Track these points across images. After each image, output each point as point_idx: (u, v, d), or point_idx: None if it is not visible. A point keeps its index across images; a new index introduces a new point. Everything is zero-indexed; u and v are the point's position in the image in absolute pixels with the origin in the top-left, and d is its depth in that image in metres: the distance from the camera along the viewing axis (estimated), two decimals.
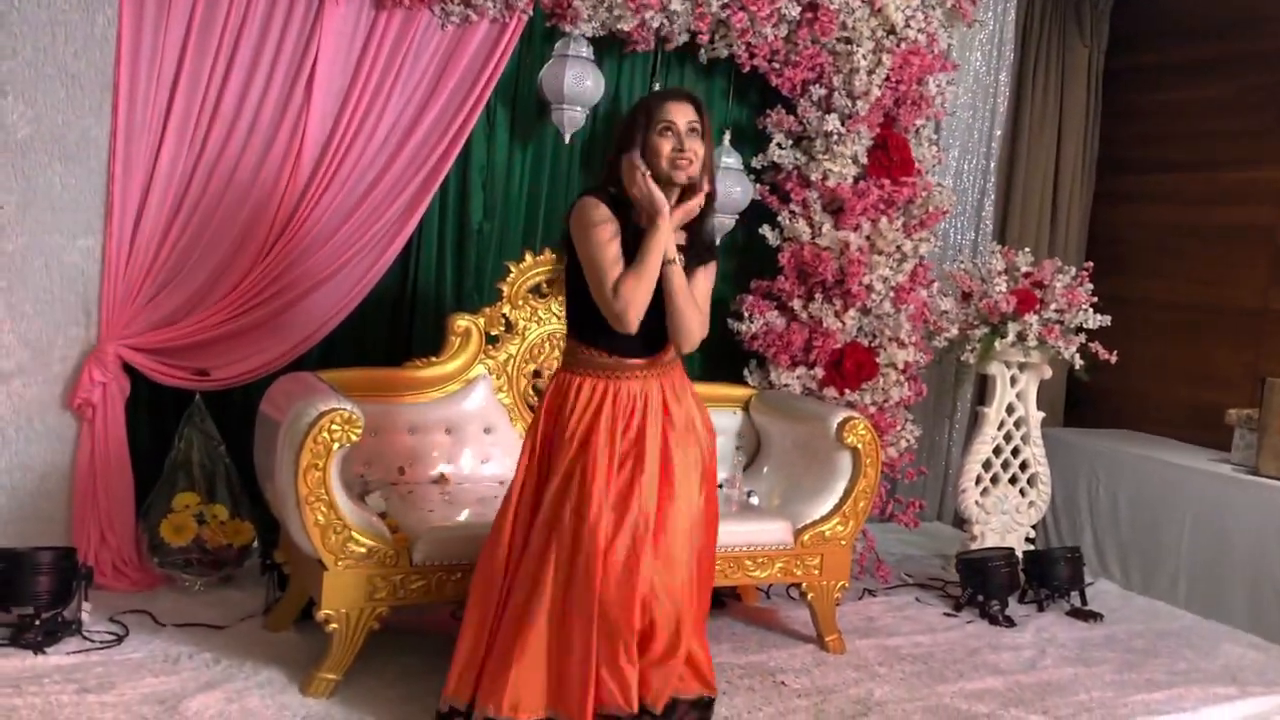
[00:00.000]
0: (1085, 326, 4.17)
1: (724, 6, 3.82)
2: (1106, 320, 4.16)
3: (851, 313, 4.02)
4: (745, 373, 4.13)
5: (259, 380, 3.47)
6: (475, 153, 3.87)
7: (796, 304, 4.06)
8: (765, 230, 4.14)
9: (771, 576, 3.36)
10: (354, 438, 2.75)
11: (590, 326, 2.62)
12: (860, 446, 3.39)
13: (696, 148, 2.55)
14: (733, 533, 3.24)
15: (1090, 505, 4.65)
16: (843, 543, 3.40)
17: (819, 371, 4.03)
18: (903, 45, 4.04)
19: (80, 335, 3.36)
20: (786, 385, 4.02)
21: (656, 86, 4.01)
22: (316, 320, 3.61)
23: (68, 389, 3.35)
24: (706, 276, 2.73)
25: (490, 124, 3.89)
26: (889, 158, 4.05)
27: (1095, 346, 4.17)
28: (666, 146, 2.54)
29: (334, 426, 2.73)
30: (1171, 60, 5.18)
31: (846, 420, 3.39)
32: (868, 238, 4.03)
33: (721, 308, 4.25)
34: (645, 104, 2.61)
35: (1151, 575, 4.36)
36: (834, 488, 3.42)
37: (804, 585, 3.39)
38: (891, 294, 4.07)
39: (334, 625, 2.78)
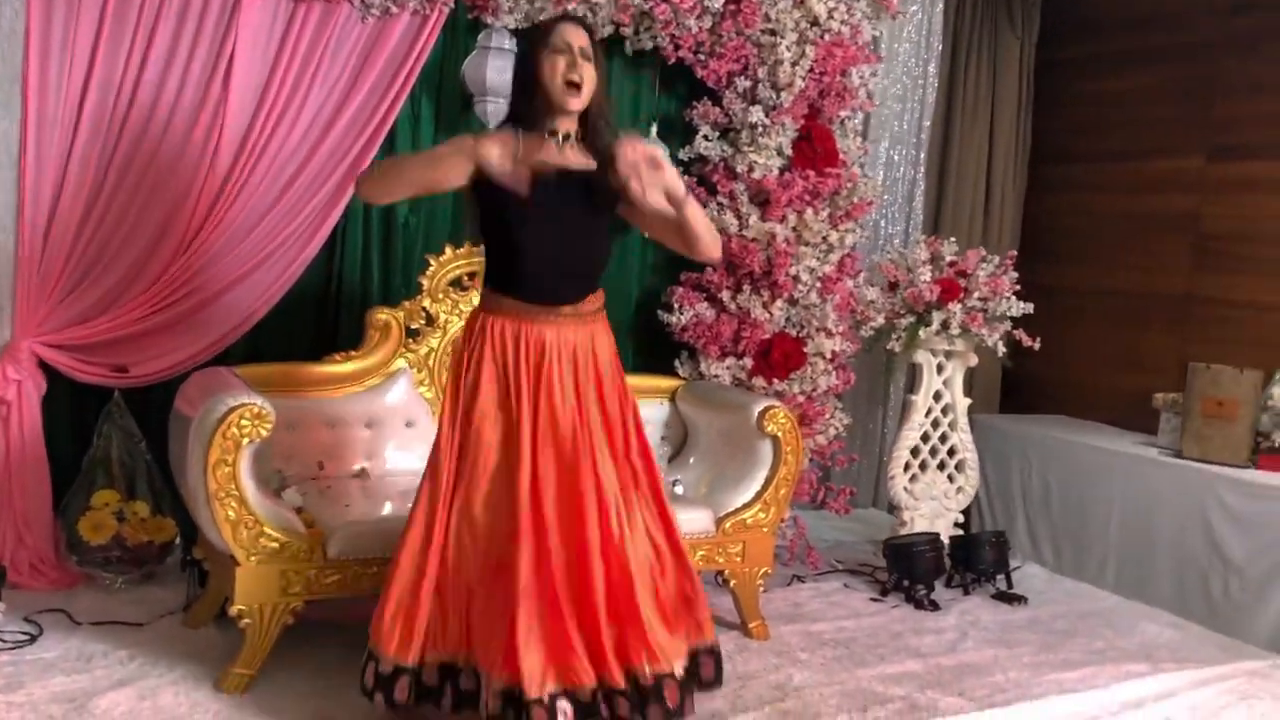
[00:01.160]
0: (1010, 314, 4.22)
1: None
2: (1029, 308, 4.22)
3: (779, 303, 4.04)
4: (676, 364, 4.15)
5: (180, 376, 3.42)
6: (400, 145, 3.86)
7: (725, 295, 4.08)
8: None
9: (694, 565, 3.37)
10: (264, 433, 2.75)
11: (500, 275, 2.63)
12: (780, 435, 3.41)
13: (588, 72, 2.56)
14: None
15: (1023, 490, 4.72)
16: (764, 530, 3.43)
17: (748, 362, 4.06)
18: (826, 37, 4.07)
19: None
20: (717, 376, 4.04)
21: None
22: (238, 315, 3.59)
23: None
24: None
25: (415, 116, 3.88)
26: (813, 149, 4.08)
27: (1019, 334, 4.22)
28: (560, 65, 2.54)
29: (243, 422, 2.72)
30: (1099, 51, 5.26)
31: (767, 409, 3.42)
32: (794, 229, 4.06)
33: (652, 300, 4.29)
34: (537, 29, 2.64)
35: (1082, 558, 4.42)
36: (756, 476, 3.45)
37: (727, 573, 3.41)
38: (818, 284, 4.10)
39: (247, 620, 2.78)
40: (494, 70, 3.71)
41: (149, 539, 3.40)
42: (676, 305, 4.12)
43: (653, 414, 3.79)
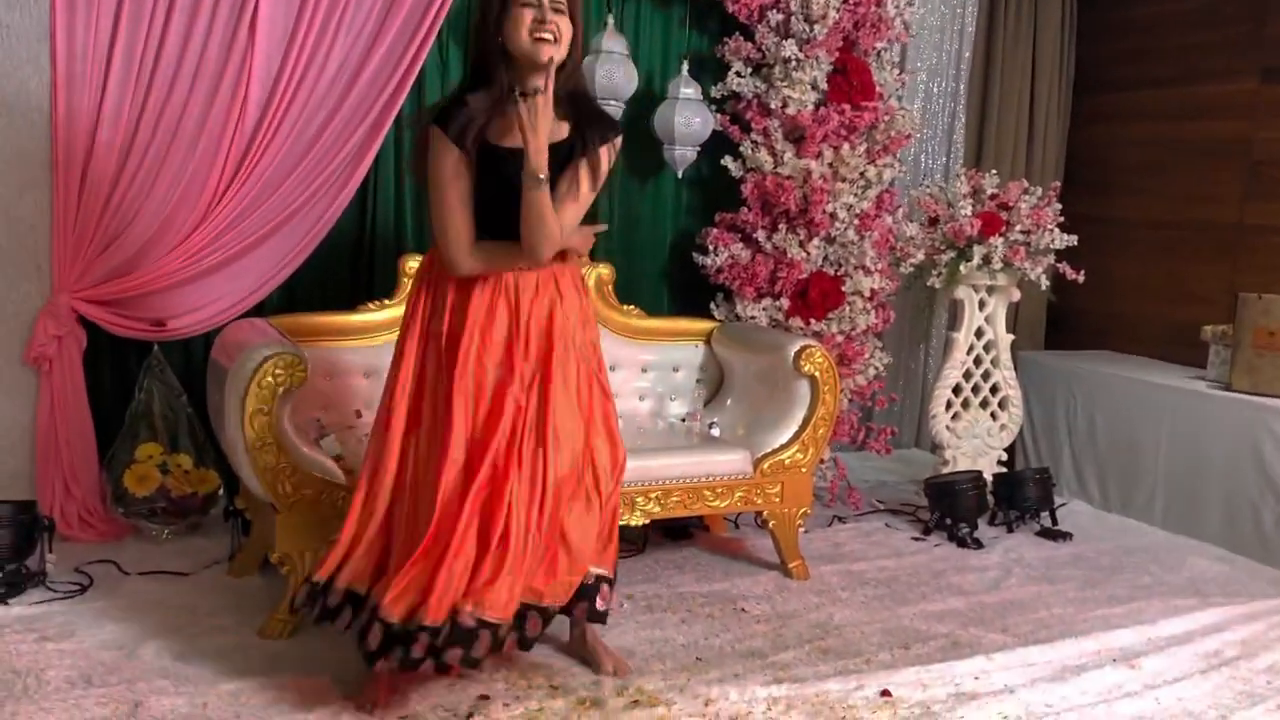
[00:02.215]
0: (1053, 247, 4.13)
1: None
2: (1073, 240, 4.12)
3: (816, 242, 3.98)
4: (712, 306, 4.11)
5: (218, 328, 3.45)
6: (430, 91, 3.82)
7: (761, 235, 4.02)
8: (728, 161, 4.09)
9: (732, 506, 3.37)
10: (299, 381, 2.75)
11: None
12: (817, 374, 3.38)
13: (561, 24, 2.38)
14: (691, 463, 3.25)
15: (1068, 427, 4.65)
16: (803, 470, 3.41)
17: (785, 302, 4.01)
18: None
19: (32, 289, 3.36)
20: (753, 318, 4.00)
21: (609, 20, 3.94)
22: (273, 266, 3.59)
23: (23, 343, 3.35)
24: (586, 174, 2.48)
25: (443, 61, 3.84)
26: (849, 82, 3.99)
27: (1063, 267, 4.13)
28: (528, 18, 2.35)
29: (278, 370, 2.73)
30: None
31: (803, 349, 3.38)
32: (830, 165, 3.98)
33: (687, 242, 4.24)
34: None
35: (1129, 494, 4.36)
36: (794, 416, 3.42)
37: (765, 513, 3.40)
38: (856, 221, 4.03)
39: (288, 567, 2.81)
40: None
41: (192, 490, 3.44)
42: (711, 247, 4.07)
43: (687, 357, 3.77)
